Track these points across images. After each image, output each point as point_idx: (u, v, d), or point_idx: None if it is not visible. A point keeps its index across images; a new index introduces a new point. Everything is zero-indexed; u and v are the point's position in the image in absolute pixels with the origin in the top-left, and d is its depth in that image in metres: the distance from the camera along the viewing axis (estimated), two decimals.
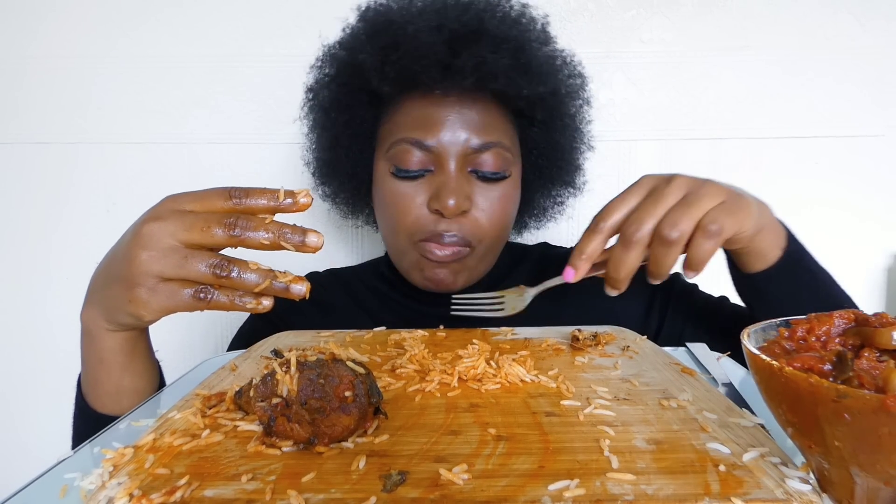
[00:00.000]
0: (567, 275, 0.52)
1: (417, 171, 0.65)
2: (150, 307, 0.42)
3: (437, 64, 0.63)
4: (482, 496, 0.28)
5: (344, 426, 0.34)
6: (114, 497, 0.29)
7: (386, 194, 0.68)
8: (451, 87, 0.64)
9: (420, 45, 0.63)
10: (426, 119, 0.65)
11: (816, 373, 0.27)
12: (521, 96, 0.66)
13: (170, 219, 0.42)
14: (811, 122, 1.00)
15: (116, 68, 1.01)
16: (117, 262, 0.44)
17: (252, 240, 0.41)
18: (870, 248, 1.02)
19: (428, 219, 0.66)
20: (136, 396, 0.53)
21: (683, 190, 0.49)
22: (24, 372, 1.06)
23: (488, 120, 0.66)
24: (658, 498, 0.28)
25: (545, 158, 0.74)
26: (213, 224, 0.41)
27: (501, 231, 0.70)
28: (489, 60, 0.62)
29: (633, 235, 0.48)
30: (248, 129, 1.01)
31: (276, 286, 0.41)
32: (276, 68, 1.00)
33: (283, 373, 0.35)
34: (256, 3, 0.99)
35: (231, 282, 0.41)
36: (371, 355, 0.53)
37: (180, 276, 0.41)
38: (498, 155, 0.66)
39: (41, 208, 1.04)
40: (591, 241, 0.51)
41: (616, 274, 0.49)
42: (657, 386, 0.44)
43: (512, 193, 0.70)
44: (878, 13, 0.98)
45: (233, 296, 0.41)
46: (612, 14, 0.99)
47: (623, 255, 0.49)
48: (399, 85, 0.65)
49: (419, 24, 0.64)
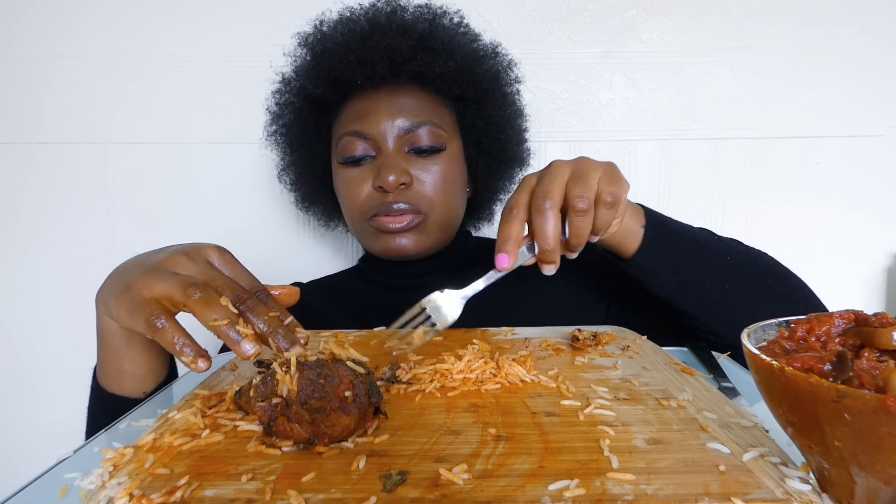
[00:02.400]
0: (500, 261, 0.51)
1: (360, 156, 0.73)
2: (119, 317, 0.45)
3: (354, 59, 0.72)
4: (482, 496, 0.28)
5: (344, 426, 0.34)
6: (114, 497, 0.29)
7: (338, 183, 0.77)
8: (366, 79, 0.73)
9: (338, 46, 0.74)
10: (362, 112, 0.74)
11: (816, 373, 0.27)
12: (435, 74, 0.74)
13: (198, 262, 0.45)
14: (811, 122, 1.00)
15: (117, 68, 1.01)
16: (138, 270, 0.46)
17: (251, 321, 0.41)
18: (870, 248, 1.02)
19: (374, 196, 0.73)
20: (136, 381, 0.56)
21: (568, 168, 0.53)
22: (24, 372, 1.06)
23: (417, 104, 0.74)
24: (658, 498, 0.28)
25: (484, 134, 0.81)
26: (228, 289, 0.43)
27: (448, 198, 0.75)
28: (394, 45, 0.72)
29: (543, 203, 0.51)
30: (248, 129, 1.01)
31: (230, 334, 0.40)
32: (276, 68, 1.00)
33: (283, 373, 0.35)
34: (256, 3, 0.99)
35: (191, 303, 0.41)
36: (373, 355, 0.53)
37: (161, 295, 0.42)
38: (430, 132, 0.73)
39: (41, 208, 1.04)
40: (509, 223, 0.52)
41: (547, 244, 0.51)
42: (657, 386, 0.44)
43: (451, 165, 0.76)
44: (878, 13, 0.98)
45: (180, 340, 0.41)
46: (612, 14, 0.99)
47: (543, 223, 0.51)
48: (332, 86, 0.75)
49: (339, 30, 0.77)
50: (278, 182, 0.91)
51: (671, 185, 1.02)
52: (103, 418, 0.48)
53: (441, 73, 0.74)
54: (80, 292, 1.03)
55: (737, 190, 1.02)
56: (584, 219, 0.51)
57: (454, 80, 0.76)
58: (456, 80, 0.76)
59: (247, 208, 1.03)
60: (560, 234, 0.52)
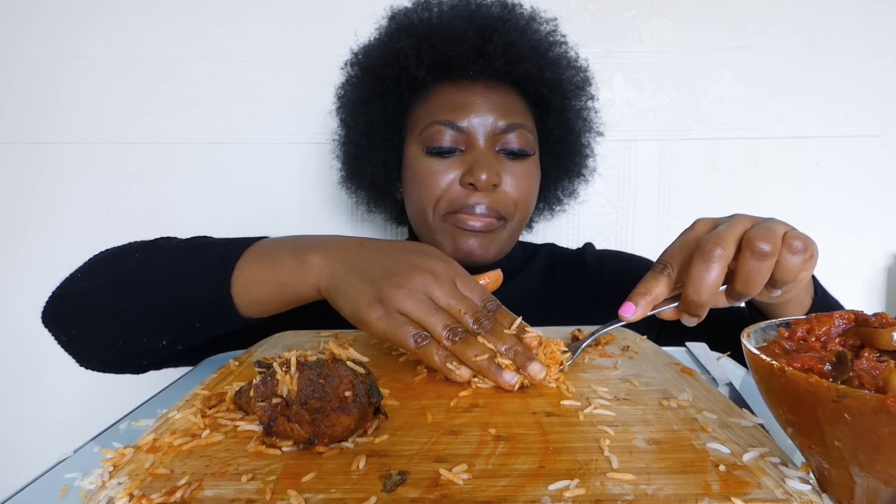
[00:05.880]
0: (626, 311, 0.48)
1: (449, 148, 0.70)
2: (374, 325, 0.46)
3: (470, 48, 0.70)
4: (482, 496, 0.28)
5: (344, 426, 0.34)
6: (114, 497, 0.29)
7: (418, 172, 0.72)
8: (480, 72, 0.71)
9: (454, 32, 0.71)
10: (457, 103, 0.71)
11: (816, 373, 0.27)
12: (544, 79, 0.73)
13: (443, 285, 0.47)
14: (811, 122, 1.00)
15: (117, 68, 1.01)
16: (379, 271, 0.48)
17: (488, 339, 0.45)
18: (870, 248, 1.02)
19: (460, 192, 0.70)
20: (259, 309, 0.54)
21: (751, 220, 0.47)
22: (24, 372, 1.06)
23: (511, 104, 0.73)
24: (658, 498, 0.28)
25: (560, 145, 0.79)
26: (470, 311, 0.46)
27: (527, 207, 0.74)
28: (516, 45, 0.71)
29: (713, 251, 0.45)
30: (248, 129, 1.01)
31: (492, 369, 0.43)
32: (276, 68, 1.00)
33: (283, 373, 0.35)
34: (256, 3, 0.99)
35: (454, 347, 0.44)
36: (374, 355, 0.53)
37: (419, 320, 0.45)
38: (522, 135, 0.72)
39: (41, 208, 1.04)
40: (658, 281, 0.48)
41: (698, 297, 0.45)
42: (657, 386, 0.44)
43: (535, 172, 0.75)
44: (878, 13, 0.98)
45: (441, 354, 0.45)
46: (612, 14, 0.99)
47: (705, 272, 0.45)
48: (434, 70, 0.72)
49: (450, 16, 0.73)
50: (332, 154, 0.87)
51: (671, 185, 1.02)
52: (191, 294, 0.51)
53: (547, 80, 0.73)
54: None
55: (737, 190, 1.02)
56: (761, 263, 0.44)
57: (551, 87, 0.75)
58: (552, 87, 0.75)
59: (247, 208, 1.03)
60: (718, 289, 0.46)
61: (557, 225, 1.04)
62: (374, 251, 0.50)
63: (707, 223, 0.50)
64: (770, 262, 0.45)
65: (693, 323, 0.49)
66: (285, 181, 1.03)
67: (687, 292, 0.46)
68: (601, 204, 1.04)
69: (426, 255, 0.49)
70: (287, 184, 1.03)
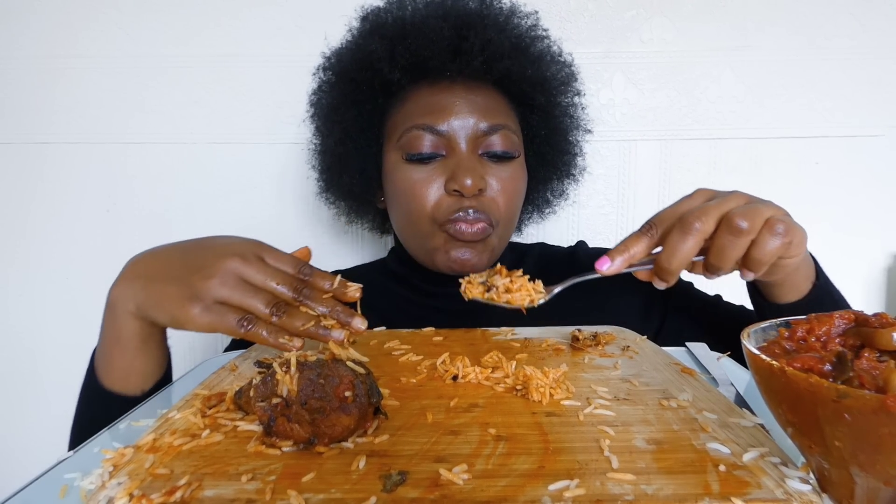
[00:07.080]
0: (601, 264, 0.49)
1: (430, 154, 0.67)
2: (197, 322, 0.46)
3: (447, 48, 0.66)
4: (482, 496, 0.28)
5: (344, 426, 0.34)
6: (114, 497, 0.29)
7: (400, 181, 0.69)
8: (458, 72, 0.68)
9: (429, 31, 0.67)
10: (435, 105, 0.67)
11: (816, 373, 0.27)
12: (526, 77, 0.70)
13: (252, 263, 0.47)
14: (811, 122, 1.00)
15: (116, 68, 1.01)
16: (183, 268, 0.47)
17: (309, 306, 0.47)
18: (870, 248, 1.02)
19: (449, 200, 0.66)
20: (144, 379, 0.55)
21: (744, 198, 0.49)
22: (24, 372, 1.06)
23: (493, 104, 0.69)
24: (658, 498, 0.28)
25: (547, 144, 0.76)
26: (286, 284, 0.47)
27: (514, 211, 0.72)
28: (495, 42, 0.67)
29: (693, 223, 0.46)
30: (248, 129, 1.01)
31: (320, 332, 0.45)
32: (276, 68, 1.00)
33: (283, 373, 0.35)
34: (256, 3, 0.99)
35: (280, 322, 0.46)
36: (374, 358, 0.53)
37: (240, 304, 0.46)
38: (506, 137, 0.68)
39: (41, 208, 1.04)
40: (639, 241, 0.49)
41: (668, 264, 0.47)
42: (657, 386, 0.44)
43: (521, 174, 0.72)
44: (878, 13, 0.98)
45: (270, 331, 0.45)
46: (612, 14, 0.99)
47: (680, 243, 0.46)
48: (409, 71, 0.68)
49: (425, 14, 0.69)
50: (308, 165, 0.84)
51: (671, 185, 1.02)
52: (98, 418, 0.46)
53: (530, 77, 0.70)
54: (81, 292, 1.03)
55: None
56: (736, 240, 0.46)
57: (535, 84, 0.71)
58: (535, 85, 0.72)
59: (247, 208, 1.03)
60: (689, 260, 0.48)
61: (557, 225, 1.04)
62: (169, 254, 0.50)
63: (704, 194, 0.51)
64: (745, 240, 0.46)
65: (662, 286, 0.50)
66: (285, 181, 1.03)
67: (660, 258, 0.48)
68: (601, 204, 1.04)
69: (225, 240, 0.50)
70: (287, 184, 1.03)
